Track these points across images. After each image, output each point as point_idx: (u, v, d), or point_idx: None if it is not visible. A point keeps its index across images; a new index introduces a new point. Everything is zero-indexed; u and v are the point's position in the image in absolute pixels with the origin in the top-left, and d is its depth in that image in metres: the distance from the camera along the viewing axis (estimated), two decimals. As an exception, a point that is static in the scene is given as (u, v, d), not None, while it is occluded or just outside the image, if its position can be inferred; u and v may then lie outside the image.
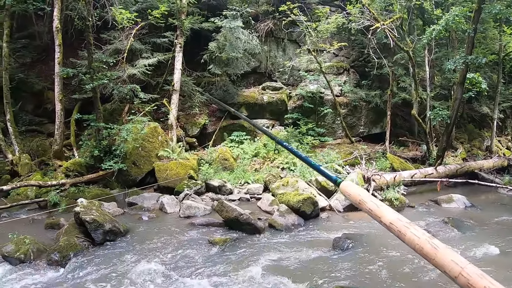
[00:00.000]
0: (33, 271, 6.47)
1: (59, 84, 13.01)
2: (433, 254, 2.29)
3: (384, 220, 2.57)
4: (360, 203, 2.68)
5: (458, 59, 13.08)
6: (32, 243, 7.07)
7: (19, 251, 6.82)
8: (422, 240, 2.37)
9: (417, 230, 2.41)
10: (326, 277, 6.28)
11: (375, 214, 2.60)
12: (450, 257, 2.22)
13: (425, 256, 2.36)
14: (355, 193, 2.74)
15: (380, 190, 11.23)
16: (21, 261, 6.72)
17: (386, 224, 2.55)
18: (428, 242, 2.36)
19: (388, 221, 2.51)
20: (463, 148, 18.68)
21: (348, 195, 2.75)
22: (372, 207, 2.60)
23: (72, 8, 14.31)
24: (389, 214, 2.56)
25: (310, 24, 15.76)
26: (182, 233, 8.46)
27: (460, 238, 8.33)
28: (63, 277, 6.27)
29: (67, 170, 12.12)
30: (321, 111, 16.74)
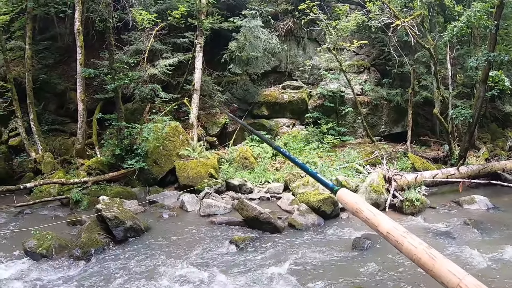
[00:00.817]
0: (55, 266, 6.58)
1: (81, 84, 13.21)
2: (430, 265, 2.31)
3: (381, 229, 2.52)
4: (356, 211, 2.66)
5: (480, 56, 12.84)
6: (54, 238, 7.18)
7: (41, 247, 6.93)
8: (419, 250, 2.36)
9: (414, 240, 2.40)
10: (344, 277, 6.23)
11: (371, 223, 2.60)
12: (448, 268, 2.22)
13: (423, 267, 2.34)
14: (352, 201, 2.69)
15: (401, 190, 11.07)
16: (43, 256, 6.82)
17: (383, 233, 2.50)
18: (426, 252, 2.38)
19: (385, 230, 2.49)
20: (486, 148, 18.32)
21: (344, 203, 2.71)
22: (369, 215, 2.55)
23: (93, 10, 14.50)
24: (386, 223, 2.52)
25: (330, 23, 15.65)
26: (202, 231, 8.50)
27: (481, 241, 8.15)
28: (84, 273, 6.35)
29: (89, 168, 12.30)
30: (342, 110, 16.62)
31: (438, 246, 7.60)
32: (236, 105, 16.67)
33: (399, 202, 10.41)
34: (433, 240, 8.07)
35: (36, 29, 15.82)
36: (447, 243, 7.92)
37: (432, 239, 8.20)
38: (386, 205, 10.38)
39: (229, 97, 16.31)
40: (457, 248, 7.52)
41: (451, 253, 7.28)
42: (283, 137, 15.78)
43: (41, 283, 5.99)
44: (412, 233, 2.35)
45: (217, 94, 15.73)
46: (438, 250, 7.15)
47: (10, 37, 16.08)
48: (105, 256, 6.96)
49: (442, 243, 7.89)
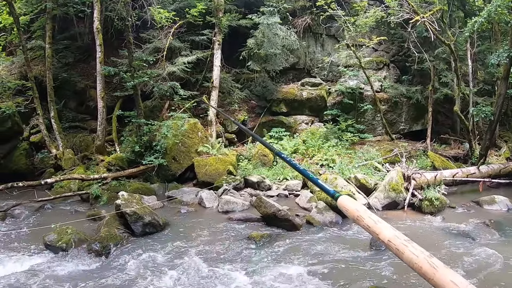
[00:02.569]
0: (75, 260, 6.64)
1: (101, 82, 13.37)
2: (431, 274, 2.21)
3: (382, 237, 2.48)
4: (357, 219, 2.63)
5: (501, 52, 12.61)
6: (73, 233, 7.25)
7: (61, 240, 7.01)
8: (420, 259, 2.28)
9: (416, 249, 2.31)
10: (361, 276, 6.18)
11: (373, 230, 2.55)
12: (450, 278, 2.14)
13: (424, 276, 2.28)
14: (353, 209, 2.68)
15: (420, 189, 10.94)
16: (63, 250, 6.90)
17: (384, 241, 2.46)
18: (427, 261, 2.27)
19: (386, 239, 2.44)
20: (507, 147, 17.98)
21: (345, 210, 2.66)
22: (370, 223, 2.50)
23: (112, 9, 14.66)
24: (387, 231, 2.48)
25: (348, 19, 15.53)
26: (220, 228, 8.53)
27: (501, 242, 7.97)
28: (103, 266, 6.41)
29: (109, 164, 12.42)
30: (361, 107, 16.50)
31: (457, 247, 7.54)
32: (255, 102, 16.69)
33: (418, 201, 10.31)
34: (452, 241, 7.96)
35: (55, 28, 16.03)
36: (466, 243, 7.79)
37: (451, 239, 8.08)
38: (405, 204, 10.30)
39: (248, 94, 16.34)
40: (476, 249, 7.37)
41: (470, 254, 7.15)
42: (302, 134, 15.73)
43: (60, 276, 6.06)
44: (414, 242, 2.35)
45: (235, 91, 15.78)
46: (457, 250, 7.19)
47: (31, 37, 16.35)
48: (124, 251, 7.02)
49: (461, 244, 7.77)
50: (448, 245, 7.72)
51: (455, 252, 7.31)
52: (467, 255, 7.11)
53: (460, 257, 7.02)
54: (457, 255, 7.12)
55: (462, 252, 7.29)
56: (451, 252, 7.28)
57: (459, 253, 7.22)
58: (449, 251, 7.33)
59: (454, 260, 6.87)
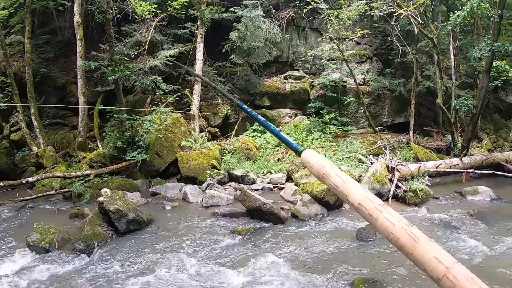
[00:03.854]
0: (58, 260, 6.54)
1: (82, 77, 13.14)
2: (411, 247, 1.84)
3: (352, 199, 2.10)
4: (323, 176, 2.25)
5: (483, 46, 12.73)
6: (56, 232, 7.15)
7: (44, 241, 6.91)
8: (397, 228, 1.89)
9: (392, 215, 1.93)
10: (348, 268, 6.19)
11: (340, 191, 2.17)
12: (433, 253, 1.78)
13: (401, 249, 1.89)
14: (318, 164, 2.31)
15: (404, 180, 11.03)
16: (46, 250, 6.80)
17: (354, 204, 2.08)
18: (406, 231, 1.88)
19: (356, 201, 2.07)
20: (489, 138, 18.23)
21: (310, 166, 2.20)
22: (338, 182, 2.18)
23: (92, 2, 14.38)
24: (357, 193, 2.10)
25: (332, 12, 15.51)
26: (205, 223, 8.46)
27: (485, 232, 8.10)
28: (87, 266, 6.32)
29: (91, 161, 12.24)
30: (344, 100, 16.55)
31: (442, 237, 7.63)
32: (238, 95, 16.60)
33: (402, 193, 10.41)
34: (436, 231, 8.05)
35: (35, 23, 15.74)
36: (450, 234, 7.89)
37: (436, 230, 8.17)
38: (390, 196, 10.39)
39: (231, 88, 16.22)
40: (460, 240, 7.48)
41: (455, 245, 7.25)
42: (285, 128, 15.73)
43: (44, 277, 5.96)
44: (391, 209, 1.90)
45: (218, 85, 15.66)
46: (442, 241, 7.24)
47: (9, 31, 16.01)
48: (108, 249, 6.93)
49: (446, 234, 7.87)
50: (432, 235, 7.77)
51: (441, 242, 7.37)
52: (451, 246, 7.19)
53: (445, 247, 7.05)
54: (443, 245, 7.17)
55: (446, 242, 7.37)
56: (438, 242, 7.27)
57: (444, 243, 7.28)
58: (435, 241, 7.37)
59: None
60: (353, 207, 2.07)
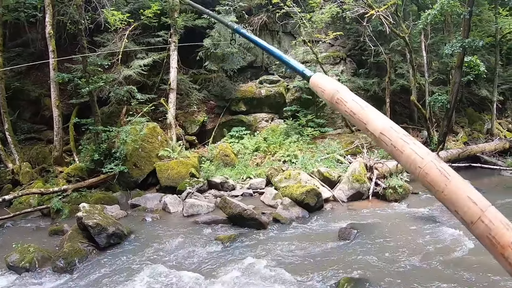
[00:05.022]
0: (39, 280, 6.42)
1: (55, 90, 12.92)
2: (441, 185, 1.52)
3: (371, 128, 1.53)
4: (337, 102, 1.69)
5: (455, 43, 13.00)
6: (36, 251, 6.99)
7: (24, 260, 6.76)
8: (426, 162, 1.43)
9: (420, 148, 1.45)
10: (333, 269, 6.25)
11: (358, 119, 1.58)
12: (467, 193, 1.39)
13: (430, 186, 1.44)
14: (331, 89, 1.71)
15: (383, 178, 11.17)
16: (27, 270, 6.65)
17: (375, 134, 1.50)
18: (436, 166, 1.45)
19: (377, 130, 1.49)
20: (464, 132, 18.62)
21: (321, 91, 1.77)
22: (355, 108, 1.59)
23: (64, 12, 14.15)
24: (379, 121, 1.54)
25: (304, 15, 15.62)
26: (186, 232, 8.42)
27: (466, 223, 8.29)
28: (69, 284, 6.21)
29: (68, 175, 12.02)
30: (320, 102, 16.64)
31: (423, 231, 7.80)
32: (214, 102, 16.61)
33: (381, 190, 10.58)
34: (418, 225, 8.23)
35: (6, 35, 15.44)
36: (432, 227, 8.06)
37: (417, 224, 8.34)
38: (370, 194, 10.55)
39: (206, 95, 16.24)
40: (441, 232, 7.67)
41: (436, 238, 7.43)
42: (263, 132, 15.79)
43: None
44: None
45: (194, 92, 15.65)
46: (424, 235, 7.37)
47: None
48: (89, 265, 6.83)
49: (427, 228, 8.03)
50: (414, 230, 7.95)
51: (422, 236, 7.55)
52: (434, 238, 7.39)
53: (428, 241, 7.27)
54: (425, 239, 7.37)
55: (429, 235, 7.56)
56: (418, 237, 7.52)
57: (427, 237, 7.47)
58: (417, 236, 7.57)
59: (421, 244, 7.08)
60: (373, 137, 1.76)
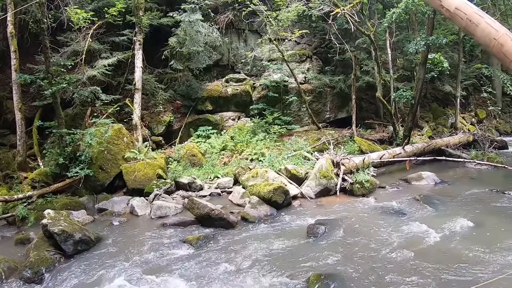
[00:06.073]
0: (6, 291, 6.25)
1: (18, 92, 12.54)
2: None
3: (446, 4, 1.79)
4: None
5: (419, 40, 13.29)
6: (2, 261, 6.79)
7: (-11, 272, 6.57)
8: (501, 34, 1.65)
9: (494, 21, 1.63)
10: (302, 265, 6.34)
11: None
12: None
13: (504, 56, 1.65)
14: None
15: (350, 173, 11.35)
16: (-7, 282, 6.47)
17: (450, 9, 1.74)
18: (510, 38, 1.69)
19: (452, 5, 1.74)
20: (429, 126, 19.07)
21: None
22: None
23: (26, 11, 13.76)
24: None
25: (271, 13, 15.64)
26: (155, 235, 8.36)
27: (432, 214, 8.58)
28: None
29: (33, 181, 11.67)
30: (286, 99, 16.78)
31: (391, 224, 8.00)
32: (180, 101, 16.48)
33: (349, 185, 10.77)
34: (386, 219, 8.44)
35: (-35, 35, 14.94)
36: (399, 220, 8.29)
37: (385, 217, 8.54)
38: (337, 189, 10.72)
39: (172, 94, 16.09)
40: (409, 225, 7.91)
41: (404, 230, 7.68)
42: (229, 131, 15.80)
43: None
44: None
45: (159, 92, 15.48)
46: (392, 227, 7.56)
47: None
48: (57, 274, 6.68)
49: (395, 221, 8.24)
50: (382, 223, 8.12)
51: (391, 229, 7.75)
52: (402, 231, 7.60)
53: (396, 233, 7.48)
54: (393, 232, 7.57)
55: (397, 228, 7.77)
56: (387, 230, 7.69)
57: (395, 230, 7.68)
58: (385, 229, 7.75)
59: (389, 237, 7.26)
60: (448, 13, 1.74)
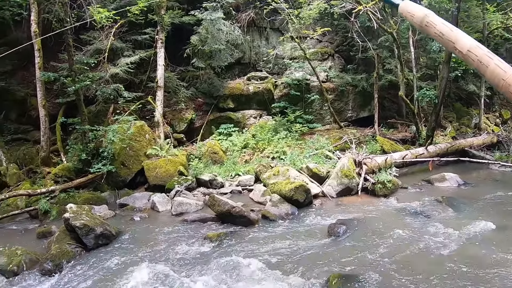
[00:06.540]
0: (27, 282, 6.36)
1: (41, 89, 12.79)
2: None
3: (460, 47, 2.03)
4: (427, 25, 2.20)
5: (442, 38, 13.00)
6: (24, 254, 6.95)
7: (11, 263, 6.70)
8: (508, 75, 1.83)
9: (502, 62, 1.86)
10: (322, 265, 6.25)
11: (447, 39, 2.10)
12: None
13: None
14: (420, 13, 2.25)
15: (372, 173, 11.19)
16: (15, 273, 6.59)
17: (462, 51, 2.00)
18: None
19: (465, 48, 1.99)
20: (452, 126, 18.72)
21: (411, 16, 2.11)
22: (444, 30, 2.11)
23: (49, 11, 13.97)
24: (466, 40, 2.03)
25: (292, 11, 15.57)
26: (175, 231, 8.39)
27: (455, 217, 8.36)
28: (57, 286, 6.17)
29: (56, 176, 11.88)
30: (308, 98, 16.66)
31: (414, 226, 7.83)
32: (202, 99, 16.50)
33: (370, 185, 10.59)
34: (408, 220, 8.26)
35: (-9, 35, 15.23)
36: (422, 222, 8.10)
37: (407, 219, 8.37)
38: (359, 189, 10.56)
39: (194, 92, 16.12)
40: (431, 226, 7.71)
41: (427, 232, 7.47)
42: (251, 129, 15.73)
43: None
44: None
45: (181, 90, 15.52)
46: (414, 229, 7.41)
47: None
48: (77, 267, 6.77)
49: (417, 222, 8.07)
50: (404, 224, 7.97)
51: (413, 230, 7.58)
52: (424, 233, 7.41)
53: (418, 235, 7.29)
54: (415, 234, 7.40)
55: (419, 230, 7.59)
56: (409, 231, 7.52)
57: (416, 231, 7.50)
58: (406, 230, 7.57)
59: (410, 239, 7.09)
60: (461, 54, 1.96)
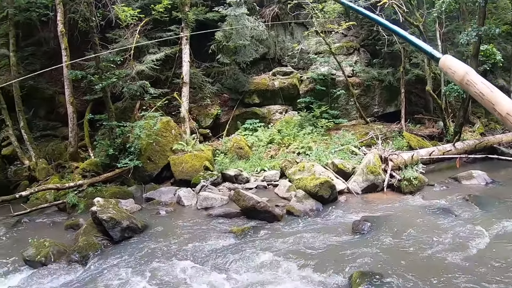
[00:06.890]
0: (54, 273, 6.49)
1: (69, 87, 13.07)
2: None
3: (499, 109, 1.83)
4: (467, 83, 2.01)
5: (470, 31, 12.75)
6: (52, 245, 7.09)
7: (39, 254, 6.85)
8: None
9: None
10: (346, 262, 6.19)
11: (487, 100, 1.89)
12: None
13: None
14: (461, 70, 2.05)
15: (398, 169, 11.03)
16: (42, 264, 6.74)
17: (501, 114, 1.81)
18: None
19: (504, 111, 1.83)
20: (481, 122, 18.26)
21: (451, 73, 2.09)
22: (484, 90, 1.93)
23: (75, 10, 14.19)
24: (505, 103, 1.89)
25: (317, 6, 15.45)
26: (200, 225, 8.44)
27: (482, 216, 8.10)
28: (83, 277, 6.29)
29: (84, 171, 12.12)
30: (334, 93, 16.52)
31: (440, 224, 7.65)
32: (227, 95, 16.56)
33: (396, 182, 10.43)
34: (434, 218, 8.08)
35: (19, 35, 15.49)
36: (448, 220, 7.90)
37: (433, 216, 8.19)
38: (384, 186, 10.40)
39: (220, 88, 16.19)
40: (458, 225, 7.50)
41: (453, 230, 7.26)
42: (277, 124, 15.70)
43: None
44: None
45: (207, 86, 15.62)
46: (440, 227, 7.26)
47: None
48: (104, 259, 6.88)
49: (444, 220, 7.87)
50: (430, 222, 7.81)
51: (439, 229, 7.41)
52: (450, 232, 7.21)
53: (444, 234, 7.11)
54: (441, 232, 7.21)
55: (445, 228, 7.40)
56: (435, 229, 7.36)
57: (443, 230, 7.32)
58: (432, 229, 7.42)
59: (436, 238, 6.95)
60: (500, 117, 1.97)
